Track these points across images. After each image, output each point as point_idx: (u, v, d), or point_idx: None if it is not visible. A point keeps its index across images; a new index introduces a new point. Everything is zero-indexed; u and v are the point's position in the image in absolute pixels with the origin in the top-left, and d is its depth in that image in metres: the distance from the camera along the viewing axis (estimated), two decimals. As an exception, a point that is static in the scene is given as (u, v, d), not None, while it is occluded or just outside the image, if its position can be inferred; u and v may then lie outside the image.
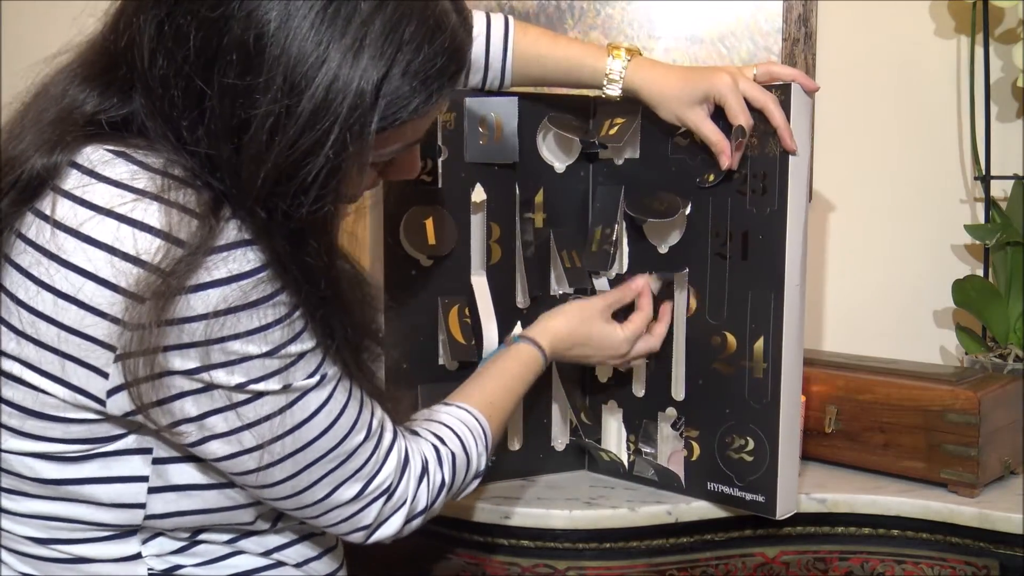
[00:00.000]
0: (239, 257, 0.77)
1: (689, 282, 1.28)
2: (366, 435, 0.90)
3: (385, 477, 0.92)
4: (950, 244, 1.73)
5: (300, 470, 0.85)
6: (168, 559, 0.88)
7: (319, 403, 0.85)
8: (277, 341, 0.80)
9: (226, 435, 0.81)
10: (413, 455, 0.96)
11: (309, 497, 0.88)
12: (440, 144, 1.26)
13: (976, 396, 1.31)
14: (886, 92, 1.72)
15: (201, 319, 0.76)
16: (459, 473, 1.01)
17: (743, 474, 1.24)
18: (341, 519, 0.91)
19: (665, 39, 1.72)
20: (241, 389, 0.79)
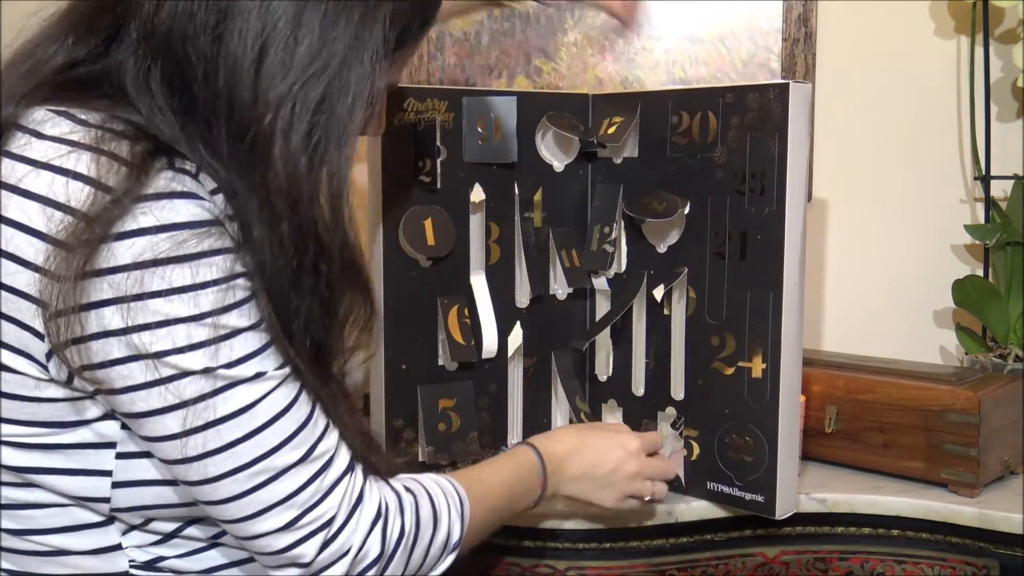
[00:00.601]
0: (170, 207, 0.74)
1: (688, 282, 1.28)
2: (303, 457, 0.81)
3: (325, 511, 0.82)
4: (950, 244, 1.73)
5: (221, 475, 0.79)
6: (150, 550, 0.86)
7: (247, 401, 0.78)
8: (208, 306, 0.75)
9: (148, 415, 0.77)
10: (369, 496, 0.86)
11: (234, 511, 0.80)
12: (439, 144, 1.26)
13: (976, 396, 1.30)
14: (886, 92, 1.72)
15: (125, 270, 0.73)
16: (424, 529, 0.90)
17: (743, 474, 1.24)
18: (273, 550, 0.82)
19: (665, 39, 1.72)
20: (163, 358, 0.74)
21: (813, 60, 1.69)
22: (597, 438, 1.18)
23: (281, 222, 0.77)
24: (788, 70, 1.69)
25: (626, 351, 1.36)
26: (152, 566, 0.87)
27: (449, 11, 1.25)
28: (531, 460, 1.11)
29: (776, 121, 1.18)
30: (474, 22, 1.74)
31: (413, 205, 1.25)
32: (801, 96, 1.18)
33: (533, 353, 1.37)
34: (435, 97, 1.26)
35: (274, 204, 0.77)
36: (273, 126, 0.76)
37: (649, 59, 1.72)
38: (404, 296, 1.26)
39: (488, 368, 1.33)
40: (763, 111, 1.19)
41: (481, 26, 1.74)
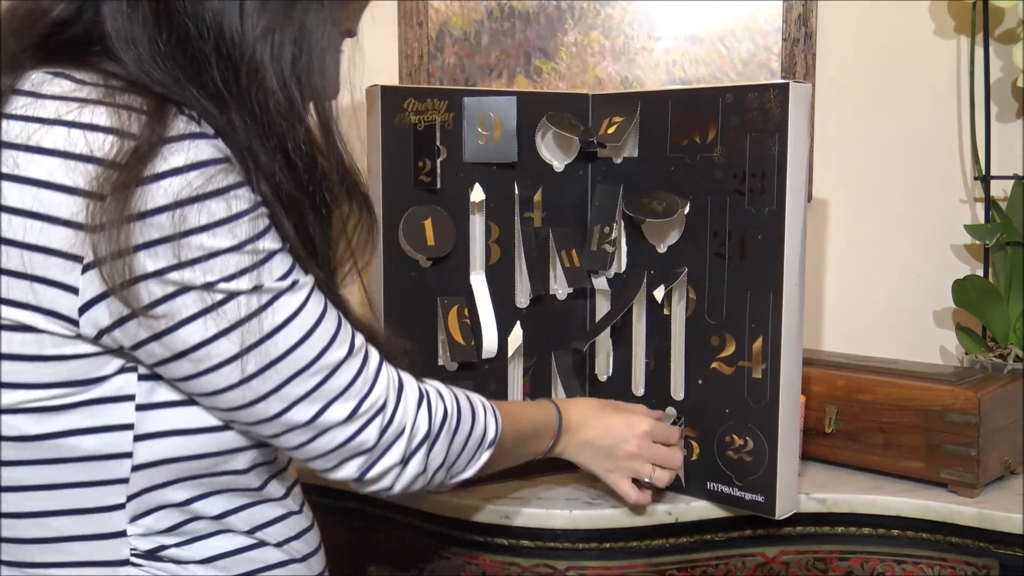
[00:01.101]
0: (194, 146, 0.78)
1: (688, 282, 1.28)
2: (349, 351, 0.88)
3: (378, 396, 0.89)
4: (950, 244, 1.73)
5: (282, 383, 0.83)
6: (153, 539, 0.87)
7: (293, 308, 0.83)
8: (245, 235, 0.79)
9: (202, 345, 0.80)
10: (408, 382, 0.94)
11: (298, 416, 0.85)
12: (439, 144, 1.26)
13: (976, 396, 1.31)
14: (886, 92, 1.72)
15: (166, 210, 0.75)
16: (464, 417, 0.99)
17: (742, 474, 1.24)
18: (338, 444, 0.88)
19: (665, 39, 1.72)
20: (213, 288, 0.78)
21: (813, 60, 1.70)
22: (609, 413, 1.24)
23: (285, 144, 0.83)
24: (788, 70, 1.69)
25: (626, 351, 1.37)
26: (153, 555, 0.87)
27: None
28: (551, 412, 1.19)
29: (776, 121, 1.18)
30: (474, 22, 1.74)
31: (413, 205, 1.25)
32: (801, 96, 1.18)
33: (533, 353, 1.37)
34: (435, 97, 1.26)
35: (274, 129, 0.82)
36: (263, 56, 0.82)
37: (649, 59, 1.72)
38: (404, 296, 1.26)
39: (488, 368, 1.33)
40: (763, 111, 1.19)
41: (481, 26, 1.74)
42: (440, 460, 0.96)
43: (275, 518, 0.94)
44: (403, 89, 1.25)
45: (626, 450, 1.22)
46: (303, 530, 0.98)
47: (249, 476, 0.91)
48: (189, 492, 0.87)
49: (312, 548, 0.99)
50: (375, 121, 1.24)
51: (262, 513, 0.93)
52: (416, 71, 1.75)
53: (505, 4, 1.73)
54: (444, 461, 0.97)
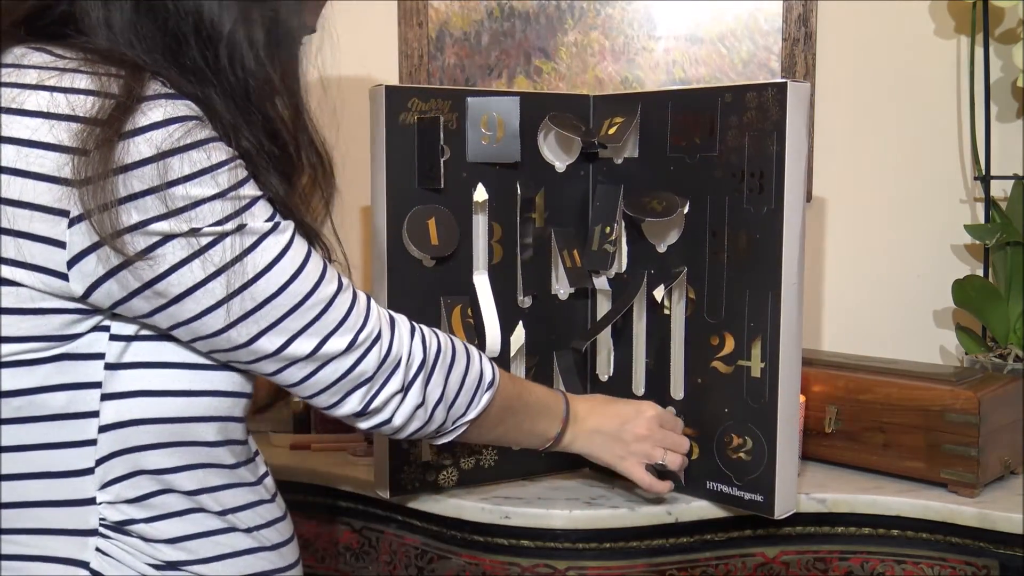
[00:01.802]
0: (170, 104, 0.81)
1: (688, 281, 1.28)
2: (338, 287, 0.91)
3: (373, 327, 0.93)
4: (950, 244, 1.73)
5: (280, 318, 0.86)
6: (122, 509, 0.87)
7: (280, 247, 0.86)
8: (226, 183, 0.82)
9: (195, 288, 0.82)
10: (398, 316, 0.98)
11: (299, 350, 0.88)
12: (442, 144, 1.26)
13: (976, 396, 1.31)
14: (886, 92, 1.72)
15: (149, 162, 0.78)
16: (458, 354, 1.03)
17: (742, 473, 1.24)
18: (340, 375, 0.91)
19: (665, 39, 1.72)
20: (200, 233, 0.81)
21: (813, 60, 1.70)
22: (617, 402, 1.25)
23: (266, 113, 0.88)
24: (788, 70, 1.69)
25: (627, 351, 1.37)
26: (121, 528, 0.87)
27: None
28: (558, 396, 1.20)
29: (774, 120, 1.18)
30: (474, 22, 1.74)
31: (417, 205, 1.25)
32: (799, 95, 1.18)
33: (535, 353, 1.37)
34: (439, 97, 1.26)
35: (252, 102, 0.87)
36: (239, 38, 0.86)
37: (649, 59, 1.72)
38: (408, 296, 1.26)
39: (490, 368, 1.33)
40: (761, 110, 1.19)
41: (481, 26, 1.74)
42: (439, 393, 1.00)
43: (247, 503, 0.94)
44: (407, 89, 1.25)
45: (635, 432, 1.22)
46: (275, 519, 0.97)
47: (221, 451, 0.91)
48: (164, 460, 0.88)
49: (283, 538, 0.98)
50: (379, 121, 1.24)
51: (235, 497, 0.93)
52: (416, 71, 1.75)
53: (505, 4, 1.73)
54: (443, 395, 1.00)
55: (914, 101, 1.72)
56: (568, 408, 1.19)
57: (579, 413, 1.21)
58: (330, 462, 1.44)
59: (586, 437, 1.21)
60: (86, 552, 0.86)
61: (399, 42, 1.75)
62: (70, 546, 0.86)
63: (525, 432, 1.17)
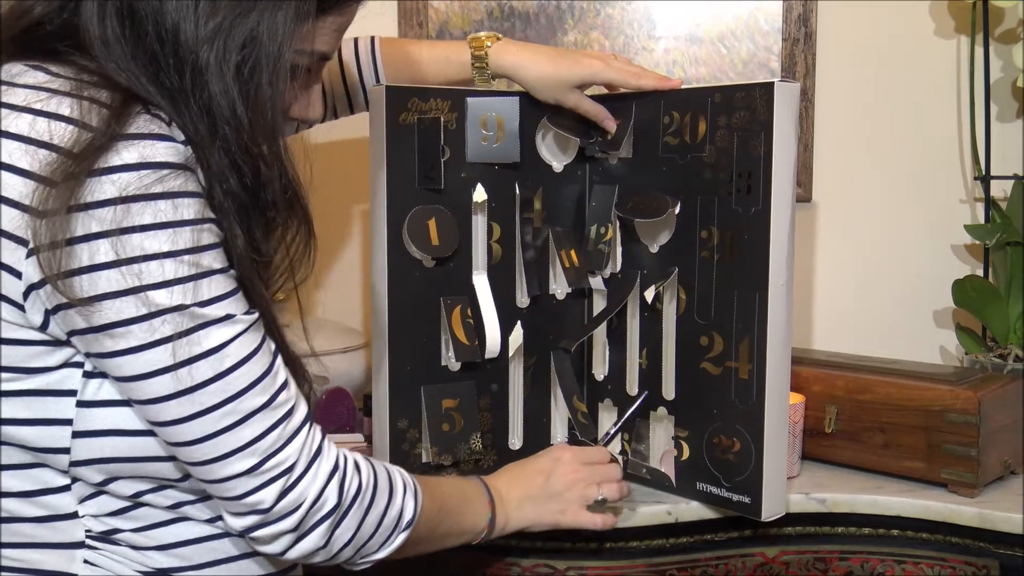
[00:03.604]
0: (151, 146, 0.78)
1: (679, 282, 1.28)
2: (267, 403, 0.84)
3: (287, 458, 0.86)
4: (950, 244, 1.73)
5: (192, 415, 0.81)
6: (107, 521, 0.87)
7: (219, 341, 0.81)
8: (186, 243, 0.78)
9: (131, 351, 0.79)
10: (328, 449, 0.90)
11: (203, 452, 0.83)
12: (442, 144, 1.26)
13: (976, 396, 1.31)
14: (886, 92, 1.72)
15: (110, 204, 0.75)
16: (380, 494, 0.94)
17: (730, 475, 1.24)
18: (236, 494, 0.85)
19: (665, 39, 1.72)
20: (144, 292, 0.77)
21: (813, 60, 1.70)
22: (529, 462, 1.21)
23: (230, 148, 0.82)
24: (788, 70, 1.69)
25: (621, 351, 1.37)
26: (108, 538, 0.87)
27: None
28: (477, 483, 1.14)
29: (761, 121, 1.17)
30: (474, 22, 1.74)
31: (417, 205, 1.25)
32: (787, 95, 1.18)
33: (533, 353, 1.37)
34: (438, 97, 1.26)
35: (218, 132, 0.82)
36: (207, 59, 0.81)
37: (649, 59, 1.72)
38: (408, 296, 1.26)
39: (490, 368, 1.34)
40: (749, 111, 1.19)
41: (481, 26, 1.74)
42: (348, 537, 0.92)
43: None
44: (407, 89, 1.25)
45: (563, 480, 1.17)
46: None
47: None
48: (136, 487, 0.87)
49: None
50: (379, 121, 1.24)
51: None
52: (416, 71, 1.75)
53: (505, 4, 1.73)
54: (352, 539, 0.92)
55: (914, 101, 1.72)
56: (489, 488, 1.13)
57: (500, 490, 1.15)
58: (330, 462, 1.44)
59: (518, 510, 1.15)
60: (74, 564, 0.86)
61: (399, 42, 1.75)
62: (58, 559, 0.86)
63: (450, 536, 1.09)
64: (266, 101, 0.84)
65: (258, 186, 0.85)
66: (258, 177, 0.84)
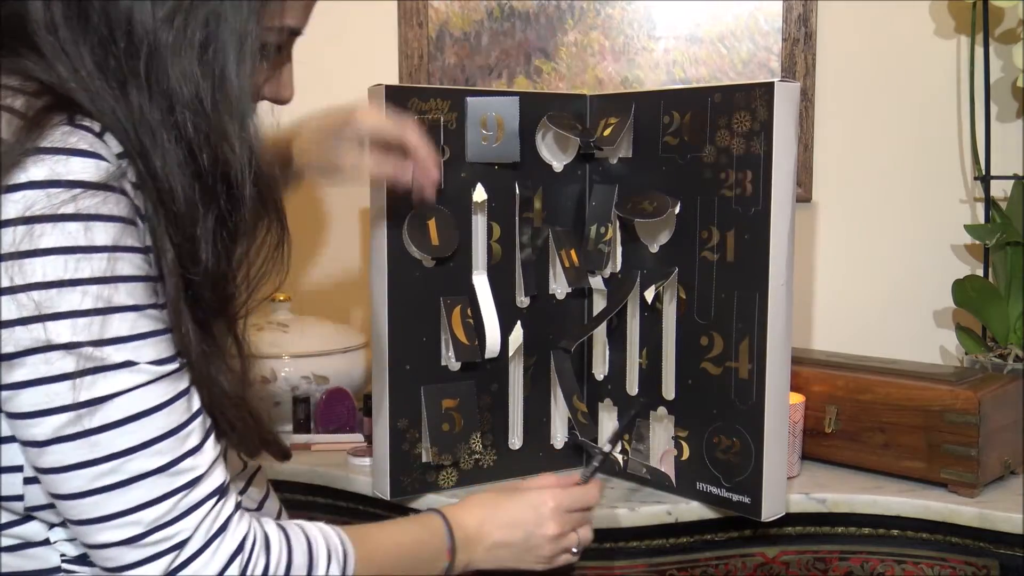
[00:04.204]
0: (64, 162, 0.71)
1: (679, 282, 1.28)
2: (161, 468, 0.75)
3: (176, 532, 0.76)
4: (950, 244, 1.73)
5: (68, 466, 0.74)
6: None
7: (109, 391, 0.73)
8: (93, 272, 0.71)
9: (14, 387, 0.72)
10: (235, 526, 0.80)
11: (78, 511, 0.75)
12: (442, 144, 1.26)
13: (976, 396, 1.31)
14: (886, 92, 1.72)
15: (10, 224, 0.69)
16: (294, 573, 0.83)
17: (730, 475, 1.24)
18: (116, 565, 0.76)
19: (665, 39, 1.72)
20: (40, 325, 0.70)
21: (813, 60, 1.70)
22: (510, 502, 1.09)
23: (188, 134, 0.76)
24: (788, 70, 1.69)
25: (621, 351, 1.37)
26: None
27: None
28: (437, 525, 1.03)
29: (762, 121, 1.18)
30: (474, 22, 1.74)
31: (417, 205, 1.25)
32: (787, 95, 1.18)
33: (533, 353, 1.37)
34: (438, 97, 1.26)
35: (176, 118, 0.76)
36: (166, 40, 0.75)
37: (649, 59, 1.72)
38: (408, 296, 1.26)
39: (490, 368, 1.34)
40: (749, 111, 1.19)
41: (481, 26, 1.74)
42: None
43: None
44: (407, 89, 1.25)
45: (545, 535, 1.09)
46: None
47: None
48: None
49: None
50: (378, 121, 1.24)
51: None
52: (416, 71, 1.75)
53: (505, 4, 1.74)
54: None
55: (914, 101, 1.72)
56: (452, 533, 1.02)
57: (468, 531, 1.04)
58: (330, 462, 1.44)
59: (488, 554, 1.06)
60: None
61: (399, 42, 1.75)
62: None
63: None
64: (233, 83, 0.77)
65: (221, 178, 0.78)
66: (221, 167, 0.78)
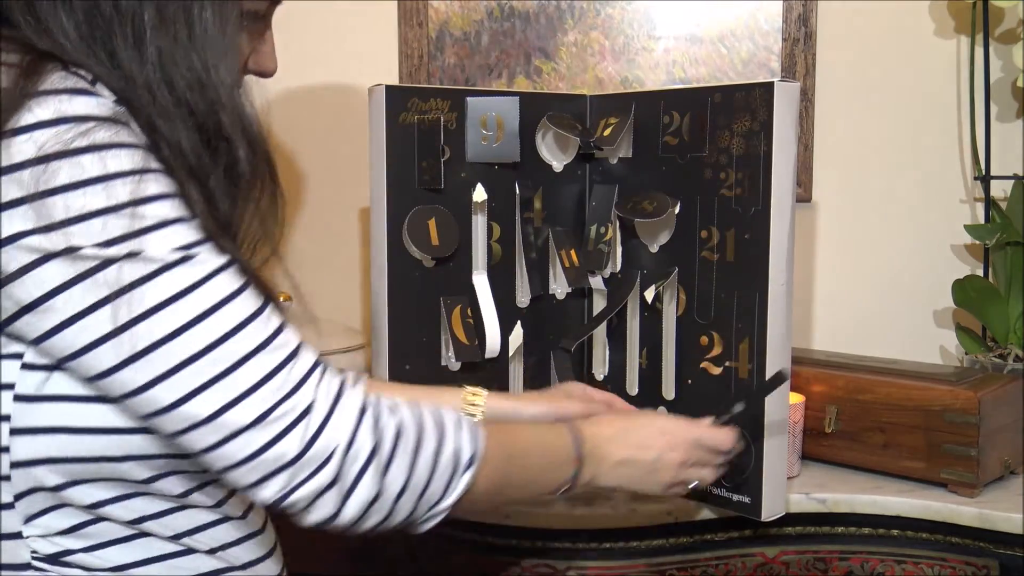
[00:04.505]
0: (67, 100, 0.71)
1: (679, 282, 1.28)
2: (265, 342, 0.75)
3: (301, 400, 0.75)
4: (950, 244, 1.73)
5: (172, 368, 0.72)
6: (56, 541, 0.80)
7: (186, 283, 0.72)
8: (123, 197, 0.71)
9: (78, 317, 0.71)
10: (350, 389, 0.80)
11: (196, 410, 0.73)
12: (442, 144, 1.26)
13: (976, 396, 1.31)
14: (886, 92, 1.72)
15: (27, 166, 0.69)
16: (426, 433, 0.83)
17: (730, 475, 1.24)
18: (250, 453, 0.74)
19: (665, 39, 1.72)
20: (80, 253, 0.70)
21: (813, 60, 1.70)
22: (640, 423, 1.08)
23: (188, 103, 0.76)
24: (788, 70, 1.69)
25: (621, 350, 1.37)
26: (57, 560, 0.80)
27: None
28: (566, 434, 1.00)
29: (762, 120, 1.18)
30: (474, 22, 1.74)
31: (417, 205, 1.25)
32: (787, 95, 1.18)
33: (533, 352, 1.37)
34: (438, 97, 1.26)
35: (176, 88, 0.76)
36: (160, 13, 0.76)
37: (649, 59, 1.72)
38: (408, 296, 1.26)
39: (490, 368, 1.34)
40: (749, 110, 1.19)
41: (481, 26, 1.74)
42: (401, 482, 0.80)
43: (206, 523, 0.85)
44: (407, 89, 1.25)
45: (671, 460, 1.07)
46: (245, 536, 0.88)
47: (160, 484, 0.81)
48: (91, 495, 0.79)
49: (256, 555, 0.89)
50: (379, 121, 1.24)
51: (188, 519, 0.84)
52: (416, 71, 1.75)
53: (505, 4, 1.73)
54: (407, 484, 0.81)
55: (914, 101, 1.72)
56: (579, 446, 1.00)
57: (600, 443, 1.02)
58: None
59: (613, 471, 1.04)
60: None
61: (399, 42, 1.75)
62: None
63: (529, 491, 0.97)
64: (221, 49, 0.78)
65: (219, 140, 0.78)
66: (219, 131, 0.78)
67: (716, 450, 1.11)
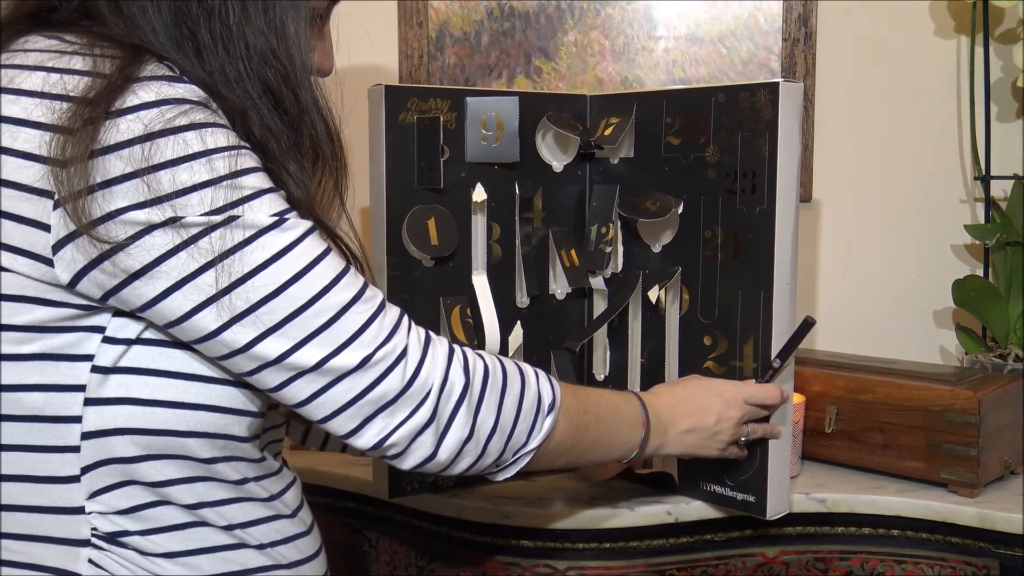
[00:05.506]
0: (167, 85, 0.78)
1: (682, 282, 1.28)
2: (358, 295, 0.83)
3: (396, 345, 0.83)
4: (950, 244, 1.73)
5: (280, 322, 0.79)
6: (115, 520, 0.83)
7: (282, 245, 0.79)
8: (223, 169, 0.77)
9: (182, 283, 0.77)
10: (436, 337, 0.88)
11: (304, 359, 0.80)
12: (442, 144, 1.26)
13: (976, 396, 1.31)
14: (886, 92, 1.72)
15: (135, 143, 0.74)
16: (511, 377, 0.91)
17: (734, 474, 1.24)
18: (355, 395, 0.82)
19: (665, 39, 1.72)
20: (185, 223, 0.76)
21: (813, 60, 1.70)
22: (695, 389, 1.17)
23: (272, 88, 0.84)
24: (788, 70, 1.69)
25: (623, 350, 1.37)
26: (114, 539, 0.83)
27: None
28: (630, 398, 1.09)
29: (766, 120, 1.18)
30: (474, 22, 1.74)
31: (416, 205, 1.25)
32: (791, 95, 1.18)
33: (532, 353, 1.37)
34: (438, 97, 1.26)
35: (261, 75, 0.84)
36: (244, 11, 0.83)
37: (649, 59, 1.72)
38: (408, 296, 1.26)
39: (489, 368, 1.33)
40: (753, 110, 1.19)
41: (481, 26, 1.74)
42: (492, 422, 0.89)
43: (259, 519, 0.89)
44: (406, 88, 1.25)
45: (730, 419, 1.15)
46: (294, 535, 0.92)
47: (221, 467, 0.86)
48: (156, 472, 0.83)
49: (304, 555, 0.93)
50: (378, 120, 1.24)
51: (243, 511, 0.88)
52: (416, 71, 1.75)
53: (505, 4, 1.73)
54: (496, 425, 0.89)
55: (914, 101, 1.72)
56: (647, 412, 1.09)
57: (661, 414, 1.11)
58: (330, 462, 1.44)
59: (678, 439, 1.13)
60: (78, 563, 0.82)
61: (399, 42, 1.75)
62: (61, 555, 0.82)
63: (602, 449, 1.05)
64: (296, 43, 0.85)
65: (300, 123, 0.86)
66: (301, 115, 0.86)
67: (765, 405, 1.18)
